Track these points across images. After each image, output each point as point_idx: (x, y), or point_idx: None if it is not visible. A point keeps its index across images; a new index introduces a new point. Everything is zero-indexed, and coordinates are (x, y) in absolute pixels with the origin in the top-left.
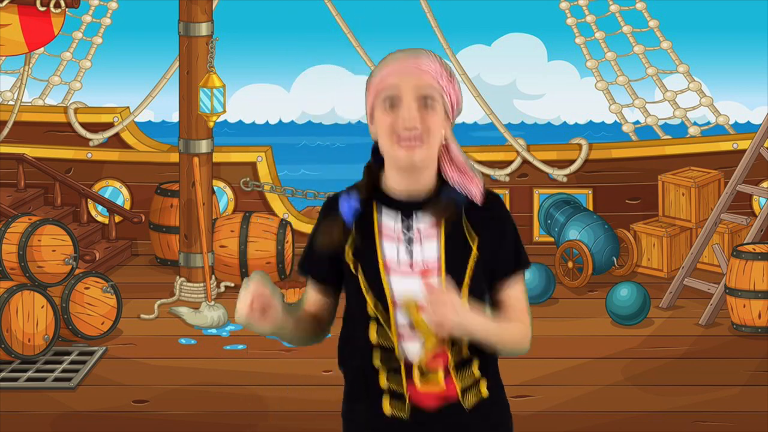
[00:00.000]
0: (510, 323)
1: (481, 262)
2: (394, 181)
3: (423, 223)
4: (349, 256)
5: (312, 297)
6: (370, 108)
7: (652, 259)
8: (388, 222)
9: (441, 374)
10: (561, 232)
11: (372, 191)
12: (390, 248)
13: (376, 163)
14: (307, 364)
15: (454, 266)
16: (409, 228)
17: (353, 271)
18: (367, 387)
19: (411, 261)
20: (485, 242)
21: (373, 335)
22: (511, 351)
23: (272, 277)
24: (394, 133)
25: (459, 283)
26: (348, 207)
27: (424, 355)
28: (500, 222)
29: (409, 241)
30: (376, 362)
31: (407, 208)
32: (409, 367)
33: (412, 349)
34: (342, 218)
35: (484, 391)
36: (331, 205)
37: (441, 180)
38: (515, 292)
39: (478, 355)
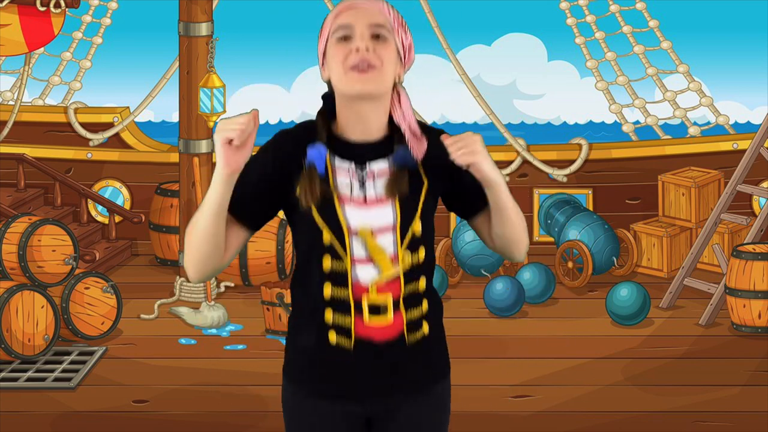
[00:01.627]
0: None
1: (433, 189)
2: (346, 126)
3: (376, 167)
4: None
5: (230, 238)
6: (322, 50)
7: (652, 259)
8: (342, 164)
9: (390, 306)
10: (561, 232)
11: (329, 136)
12: (343, 183)
13: (327, 109)
14: None
15: (407, 200)
16: (362, 170)
17: (305, 205)
18: (314, 319)
19: (365, 196)
20: (437, 175)
21: (327, 263)
22: (517, 235)
23: (272, 277)
24: (347, 62)
25: (412, 214)
26: (318, 155)
27: (379, 279)
28: (448, 160)
29: (362, 182)
30: (327, 293)
31: (360, 157)
32: (357, 302)
33: (366, 274)
34: (314, 168)
35: (426, 329)
36: (283, 141)
37: (392, 127)
38: None
39: (426, 294)
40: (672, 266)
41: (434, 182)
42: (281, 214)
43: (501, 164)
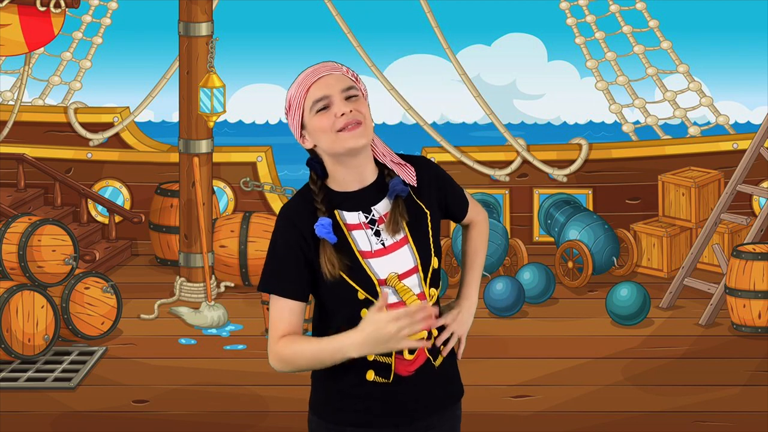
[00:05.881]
0: (482, 241)
1: (435, 218)
2: (344, 181)
3: (382, 210)
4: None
5: (296, 317)
6: (298, 124)
7: (652, 259)
8: (352, 219)
9: (425, 340)
10: (561, 232)
11: (328, 201)
12: (361, 239)
13: (317, 173)
14: None
15: (418, 236)
16: (373, 222)
17: (329, 277)
18: (352, 361)
19: (383, 245)
20: (432, 201)
21: (365, 314)
22: None
23: None
24: (335, 127)
25: (429, 252)
26: (325, 229)
27: None
28: (435, 179)
29: (377, 233)
30: None
31: (364, 204)
32: None
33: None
34: (326, 242)
35: (444, 351)
36: (289, 221)
37: (381, 167)
38: (472, 210)
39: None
40: (672, 266)
41: (433, 210)
42: None
43: (501, 164)
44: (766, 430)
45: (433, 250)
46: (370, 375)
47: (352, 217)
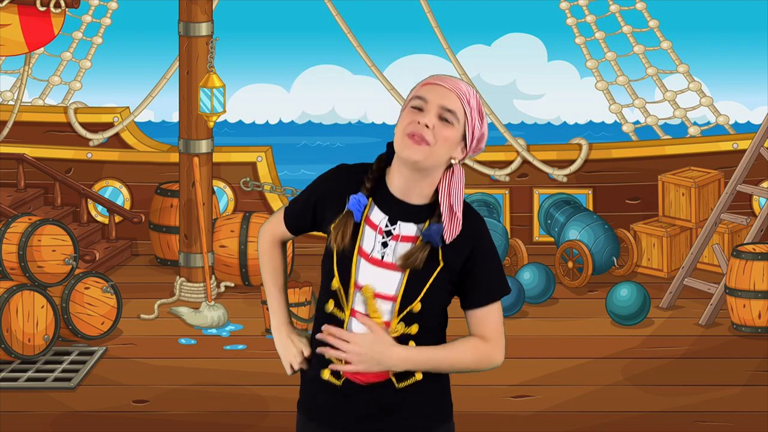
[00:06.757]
0: (466, 347)
1: (446, 274)
2: (393, 180)
3: (404, 230)
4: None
5: (285, 234)
6: (402, 111)
7: (652, 259)
8: (375, 217)
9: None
10: (561, 232)
11: (376, 185)
12: (369, 237)
13: (387, 157)
14: None
15: (416, 279)
16: (389, 233)
17: (331, 245)
18: (318, 353)
19: (382, 257)
20: (454, 262)
21: (330, 307)
22: (472, 370)
23: None
24: (407, 128)
25: (415, 294)
26: (357, 204)
27: None
28: (472, 250)
29: (385, 245)
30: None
31: (395, 214)
32: None
33: (359, 330)
34: (351, 215)
35: (419, 375)
36: (338, 176)
37: (436, 199)
38: (490, 314)
39: None
40: (672, 266)
41: (449, 265)
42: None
43: (501, 164)
44: (766, 430)
45: (421, 296)
46: (326, 373)
47: (376, 216)
